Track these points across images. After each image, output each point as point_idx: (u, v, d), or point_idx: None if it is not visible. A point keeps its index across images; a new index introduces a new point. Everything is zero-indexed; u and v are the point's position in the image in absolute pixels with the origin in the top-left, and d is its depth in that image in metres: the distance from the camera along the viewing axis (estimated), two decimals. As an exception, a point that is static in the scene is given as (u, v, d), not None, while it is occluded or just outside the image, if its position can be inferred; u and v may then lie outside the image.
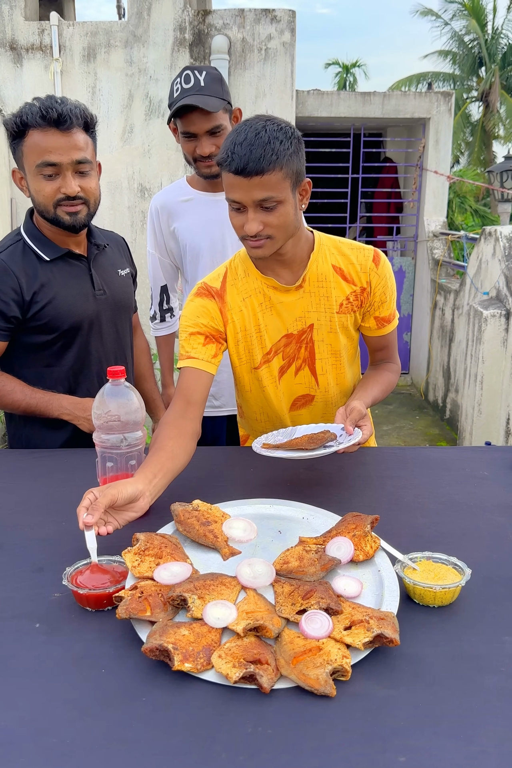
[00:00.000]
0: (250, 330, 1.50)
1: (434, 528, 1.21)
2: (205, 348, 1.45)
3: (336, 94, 6.79)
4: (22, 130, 1.55)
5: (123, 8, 7.43)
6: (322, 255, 1.49)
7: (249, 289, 1.49)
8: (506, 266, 4.59)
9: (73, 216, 1.60)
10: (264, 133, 1.26)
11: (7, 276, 1.59)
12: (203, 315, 1.47)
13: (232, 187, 1.30)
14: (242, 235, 1.36)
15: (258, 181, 1.26)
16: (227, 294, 1.49)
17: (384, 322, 1.55)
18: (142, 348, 2.05)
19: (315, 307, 1.49)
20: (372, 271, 1.48)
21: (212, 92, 1.84)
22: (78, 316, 1.67)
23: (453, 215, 10.96)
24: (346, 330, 1.54)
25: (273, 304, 1.49)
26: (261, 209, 1.30)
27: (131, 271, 1.92)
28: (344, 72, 23.49)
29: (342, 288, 1.49)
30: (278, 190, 1.28)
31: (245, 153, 1.24)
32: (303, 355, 1.53)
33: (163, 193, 2.13)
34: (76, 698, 0.80)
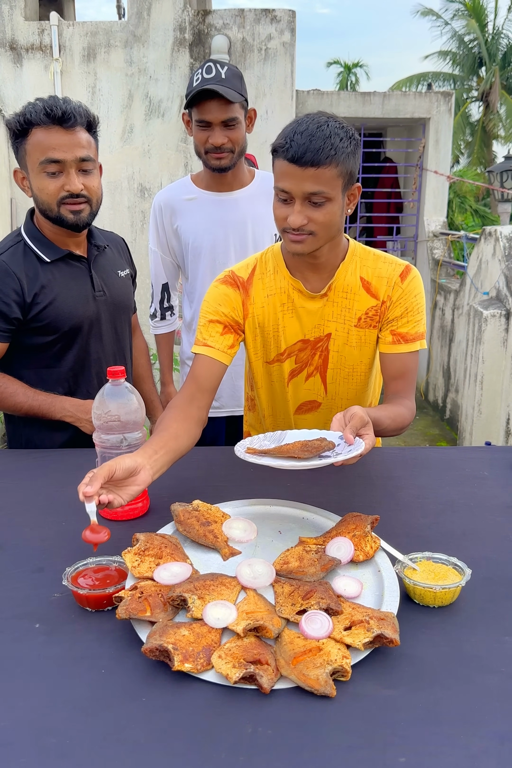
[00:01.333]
0: (267, 328, 1.49)
1: (434, 528, 1.21)
2: (222, 337, 1.44)
3: (336, 94, 6.79)
4: (25, 128, 1.55)
5: (123, 8, 7.43)
6: (353, 265, 1.45)
7: (274, 287, 1.47)
8: (506, 266, 4.59)
9: (76, 214, 1.60)
10: (326, 128, 1.25)
11: (9, 277, 1.59)
12: (225, 303, 1.46)
13: (283, 175, 1.27)
14: (284, 227, 1.32)
15: (312, 173, 1.24)
16: (253, 287, 1.48)
17: (400, 338, 1.44)
18: (140, 349, 2.05)
19: (335, 317, 1.47)
20: (397, 285, 1.43)
21: (232, 86, 1.85)
22: (78, 317, 1.67)
23: (453, 215, 10.96)
24: (364, 345, 1.48)
25: (295, 307, 1.47)
26: (309, 203, 1.28)
27: (131, 272, 1.92)
28: (346, 72, 23.47)
29: (364, 301, 1.45)
30: (330, 187, 1.26)
31: (304, 142, 1.23)
32: (317, 362, 1.51)
33: (166, 190, 2.13)
34: (76, 698, 0.80)
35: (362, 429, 1.17)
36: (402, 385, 1.46)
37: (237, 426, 2.21)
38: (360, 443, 1.13)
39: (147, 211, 5.42)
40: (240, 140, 1.93)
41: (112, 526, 1.23)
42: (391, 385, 1.47)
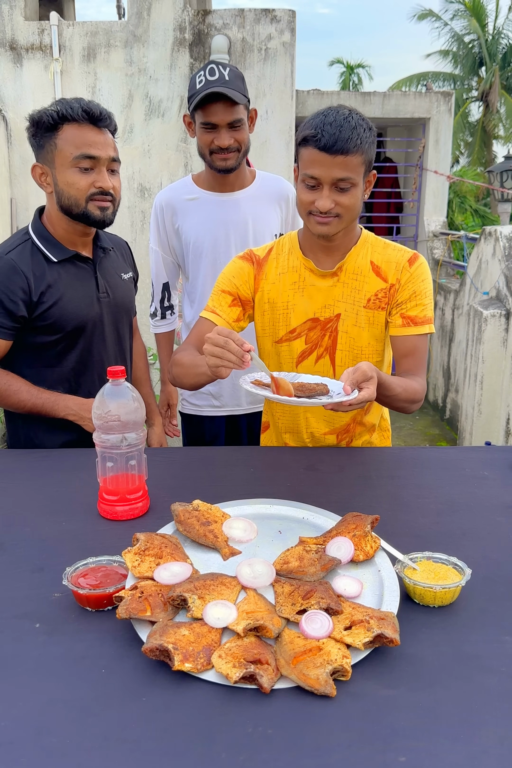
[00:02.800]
0: (277, 304, 1.56)
1: (434, 528, 1.21)
2: (229, 309, 1.55)
3: (336, 94, 6.80)
4: (56, 123, 1.58)
5: (123, 8, 7.43)
6: (364, 250, 1.54)
7: (287, 266, 1.56)
8: (506, 266, 4.59)
9: (103, 211, 1.64)
10: (352, 119, 1.37)
11: (17, 275, 1.60)
12: (238, 276, 1.57)
13: (313, 163, 1.37)
14: (310, 210, 1.42)
15: (342, 161, 1.35)
16: (267, 264, 1.58)
17: (410, 321, 1.52)
18: (139, 352, 2.06)
19: (345, 298, 1.54)
20: (405, 269, 1.52)
21: (236, 87, 1.87)
22: (82, 317, 1.68)
23: (453, 215, 10.95)
24: (373, 326, 1.55)
25: (306, 285, 1.54)
26: (336, 189, 1.39)
27: (133, 275, 1.94)
28: (348, 72, 23.45)
29: (374, 283, 1.53)
30: (355, 173, 1.38)
31: (335, 132, 1.34)
32: (326, 343, 1.56)
33: (168, 190, 2.13)
34: (76, 698, 0.80)
35: (363, 383, 1.24)
36: (413, 364, 1.53)
37: (237, 425, 2.21)
38: (355, 393, 1.22)
39: (147, 211, 5.42)
40: (245, 140, 1.94)
41: (112, 526, 1.23)
42: (402, 363, 1.55)
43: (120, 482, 1.25)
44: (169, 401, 2.34)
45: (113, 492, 1.26)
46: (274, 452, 1.64)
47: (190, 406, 2.20)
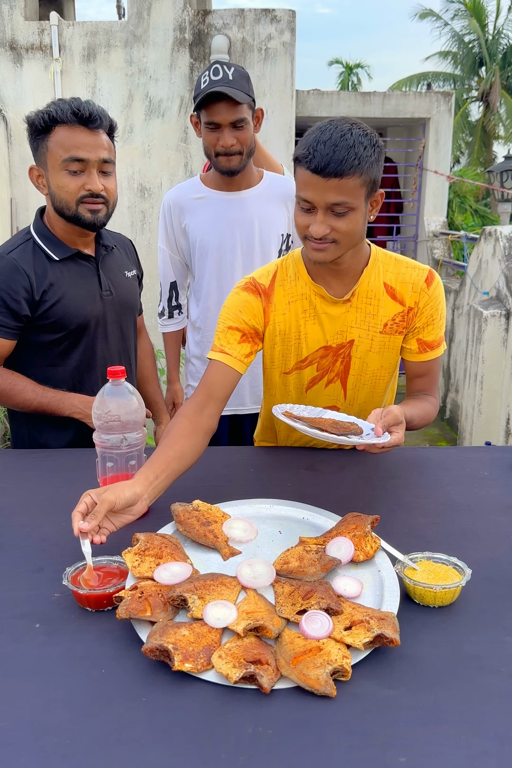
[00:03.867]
0: (289, 335, 1.46)
1: (434, 528, 1.21)
2: (239, 346, 1.41)
3: (336, 94, 6.80)
4: (48, 125, 1.57)
5: (123, 8, 7.43)
6: (376, 270, 1.44)
7: (296, 294, 1.45)
8: (506, 266, 4.59)
9: (94, 214, 1.63)
10: (350, 137, 1.22)
11: (19, 275, 1.60)
12: (246, 311, 1.43)
13: (305, 185, 1.25)
14: (305, 234, 1.31)
15: (336, 184, 1.22)
16: (274, 294, 1.45)
17: (426, 347, 1.47)
18: (146, 351, 2.06)
19: (359, 323, 1.45)
20: (423, 291, 1.43)
21: (240, 87, 1.86)
22: (85, 316, 1.68)
23: (453, 215, 10.95)
24: (387, 351, 1.48)
25: (317, 313, 1.44)
26: (332, 213, 1.26)
27: (137, 273, 1.94)
28: (347, 72, 23.45)
29: (390, 308, 1.44)
30: (353, 197, 1.25)
31: (328, 153, 1.21)
32: (338, 368, 1.49)
33: (175, 189, 2.13)
34: (76, 698, 0.80)
35: (394, 426, 1.22)
36: (427, 383, 1.51)
37: (240, 425, 2.20)
38: (386, 436, 1.20)
39: (147, 211, 5.42)
40: (248, 141, 1.93)
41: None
42: (416, 383, 1.52)
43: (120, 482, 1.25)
44: (174, 400, 2.34)
45: (113, 492, 1.25)
46: (274, 452, 1.64)
47: None
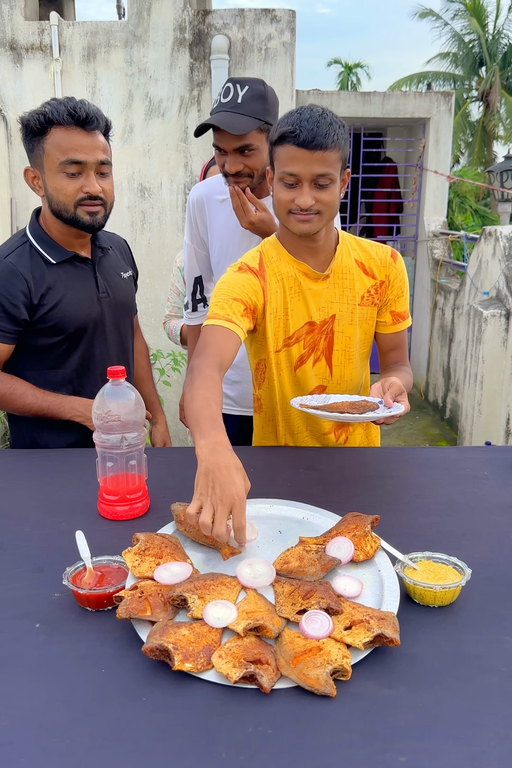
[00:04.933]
0: (279, 312, 1.54)
1: (434, 528, 1.21)
2: (242, 318, 1.43)
3: (336, 93, 6.80)
4: (44, 127, 1.55)
5: (123, 8, 7.42)
6: (346, 249, 1.56)
7: (282, 272, 1.53)
8: (506, 266, 4.59)
9: (92, 216, 1.62)
10: (327, 116, 1.37)
11: (17, 279, 1.59)
12: (248, 287, 1.47)
13: (292, 160, 1.36)
14: (290, 208, 1.41)
15: (321, 156, 1.34)
16: (266, 273, 1.52)
17: (399, 317, 1.60)
18: (141, 350, 2.05)
19: (338, 298, 1.55)
20: (391, 266, 1.56)
21: (247, 110, 1.74)
22: (83, 318, 1.67)
23: (453, 215, 10.95)
24: (365, 323, 1.59)
25: (302, 289, 1.53)
26: (315, 186, 1.38)
27: (133, 274, 1.93)
28: (347, 72, 23.45)
29: (364, 281, 1.56)
30: (333, 168, 1.37)
31: (312, 128, 1.33)
32: (322, 345, 1.57)
33: (202, 185, 2.09)
34: (76, 698, 0.80)
35: (399, 396, 1.35)
36: (401, 355, 1.65)
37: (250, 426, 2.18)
38: (400, 406, 1.32)
39: (147, 211, 5.42)
40: (258, 165, 1.81)
41: (112, 526, 1.23)
42: (390, 356, 1.65)
43: (120, 482, 1.25)
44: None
45: (113, 492, 1.26)
46: (274, 452, 1.64)
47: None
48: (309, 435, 1.67)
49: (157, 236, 5.36)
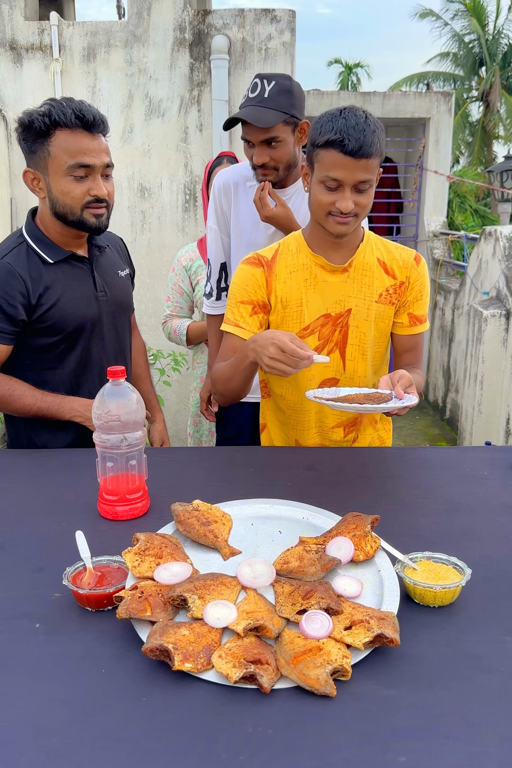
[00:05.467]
0: (290, 302, 1.57)
1: (434, 528, 1.21)
2: (251, 318, 1.57)
3: (336, 93, 6.80)
4: (48, 129, 1.54)
5: (123, 8, 7.42)
6: (370, 247, 1.59)
7: (297, 264, 1.58)
8: (506, 266, 4.59)
9: (98, 218, 1.63)
10: (370, 123, 1.40)
11: (15, 279, 1.59)
12: (251, 284, 1.57)
13: (336, 166, 1.40)
14: (330, 210, 1.45)
15: (364, 164, 1.40)
16: (276, 264, 1.58)
17: (416, 320, 1.62)
18: (139, 349, 2.05)
19: (356, 293, 1.58)
20: (413, 268, 1.59)
21: (274, 105, 1.81)
22: (81, 318, 1.67)
23: (453, 215, 10.95)
24: (381, 321, 1.60)
25: (317, 281, 1.57)
26: (355, 190, 1.43)
27: (130, 272, 1.93)
28: (347, 72, 23.45)
29: (384, 280, 1.58)
30: (373, 174, 1.44)
31: (359, 137, 1.37)
32: (337, 338, 1.60)
33: (228, 170, 2.10)
34: (76, 698, 0.80)
35: (409, 388, 1.38)
36: (415, 357, 1.67)
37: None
38: (411, 397, 1.35)
39: (147, 211, 5.42)
40: (284, 157, 1.88)
41: (112, 526, 1.23)
42: (404, 357, 1.67)
43: (120, 482, 1.25)
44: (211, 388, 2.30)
45: (113, 492, 1.26)
46: (274, 452, 1.64)
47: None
48: (317, 431, 1.68)
49: (157, 236, 5.36)
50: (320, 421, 1.67)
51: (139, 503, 1.27)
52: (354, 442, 1.70)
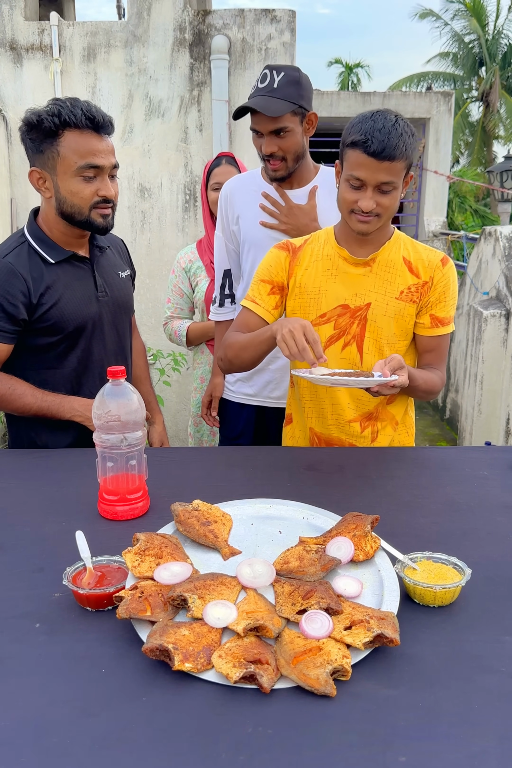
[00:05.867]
0: (308, 289, 1.63)
1: (434, 528, 1.21)
2: (268, 297, 1.64)
3: (336, 94, 6.80)
4: (57, 129, 1.55)
5: (123, 8, 7.42)
6: (397, 245, 1.62)
7: (322, 254, 1.64)
8: (506, 266, 4.59)
9: (105, 218, 1.65)
10: (399, 126, 1.43)
11: (16, 279, 1.60)
12: (275, 265, 1.65)
13: (360, 166, 1.45)
14: (352, 208, 1.50)
15: (387, 166, 1.43)
16: (302, 251, 1.65)
17: (438, 322, 1.63)
18: (138, 350, 2.05)
19: (377, 288, 1.60)
20: (438, 269, 1.60)
21: (282, 95, 1.84)
22: (82, 317, 1.68)
23: (453, 215, 10.96)
24: (401, 318, 1.61)
25: (339, 272, 1.61)
26: (378, 191, 1.47)
27: (130, 273, 1.93)
28: (347, 72, 23.44)
29: (407, 278, 1.60)
30: (398, 177, 1.46)
31: (384, 139, 1.41)
32: (355, 331, 1.62)
33: (235, 179, 2.13)
34: (76, 698, 0.80)
35: (398, 370, 1.40)
36: (435, 358, 1.66)
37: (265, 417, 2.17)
38: (396, 376, 1.37)
39: (147, 211, 5.42)
40: (292, 148, 1.90)
41: (112, 526, 1.23)
42: (425, 357, 1.67)
43: (120, 482, 1.25)
44: (213, 393, 2.30)
45: (113, 492, 1.26)
46: (274, 452, 1.64)
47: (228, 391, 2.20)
48: (334, 423, 1.69)
49: (157, 236, 5.36)
50: (337, 413, 1.68)
51: (139, 503, 1.27)
52: (373, 442, 1.70)
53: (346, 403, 1.66)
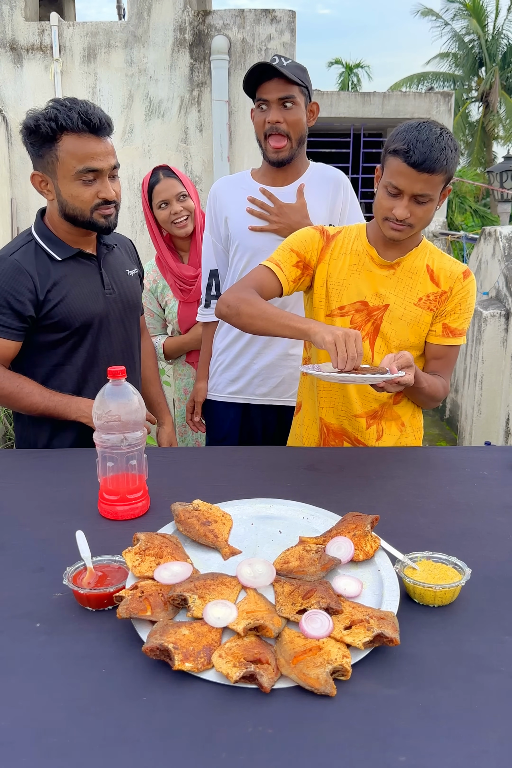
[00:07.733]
0: (332, 278, 1.65)
1: (434, 528, 1.21)
2: (292, 268, 1.62)
3: (336, 94, 6.80)
4: (55, 133, 1.55)
5: (123, 8, 7.42)
6: (423, 254, 1.64)
7: (351, 249, 1.65)
8: (506, 266, 4.59)
9: (107, 219, 1.65)
10: (442, 140, 1.44)
11: (23, 276, 1.60)
12: (309, 240, 1.65)
13: (399, 174, 1.45)
14: (387, 216, 1.51)
15: (426, 178, 1.43)
16: (334, 241, 1.67)
17: (450, 332, 1.63)
18: (148, 351, 2.06)
19: (397, 291, 1.62)
20: (458, 280, 1.62)
21: (292, 71, 1.88)
22: (89, 314, 1.68)
23: (453, 215, 10.96)
24: (417, 325, 1.62)
25: (363, 269, 1.63)
26: (414, 201, 1.47)
27: (138, 272, 1.94)
28: (347, 72, 23.44)
29: (427, 285, 1.62)
30: (435, 190, 1.47)
31: (426, 151, 1.41)
32: (368, 329, 1.63)
33: (224, 179, 2.12)
34: (76, 698, 0.80)
35: (407, 369, 1.42)
36: (442, 366, 1.67)
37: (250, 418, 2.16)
38: (402, 373, 1.39)
39: (147, 212, 5.42)
40: (297, 125, 1.91)
41: (112, 526, 1.23)
42: (431, 364, 1.68)
43: (120, 482, 1.26)
44: (195, 398, 2.27)
45: (113, 492, 1.26)
46: (274, 452, 1.64)
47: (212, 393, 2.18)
48: (344, 414, 1.71)
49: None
50: (346, 406, 1.69)
51: (139, 503, 1.27)
52: (379, 441, 1.70)
53: (354, 398, 1.68)
